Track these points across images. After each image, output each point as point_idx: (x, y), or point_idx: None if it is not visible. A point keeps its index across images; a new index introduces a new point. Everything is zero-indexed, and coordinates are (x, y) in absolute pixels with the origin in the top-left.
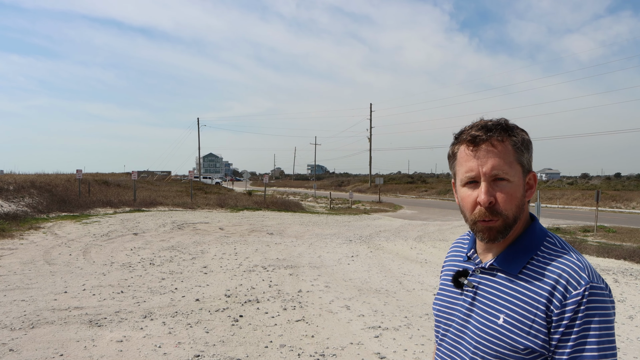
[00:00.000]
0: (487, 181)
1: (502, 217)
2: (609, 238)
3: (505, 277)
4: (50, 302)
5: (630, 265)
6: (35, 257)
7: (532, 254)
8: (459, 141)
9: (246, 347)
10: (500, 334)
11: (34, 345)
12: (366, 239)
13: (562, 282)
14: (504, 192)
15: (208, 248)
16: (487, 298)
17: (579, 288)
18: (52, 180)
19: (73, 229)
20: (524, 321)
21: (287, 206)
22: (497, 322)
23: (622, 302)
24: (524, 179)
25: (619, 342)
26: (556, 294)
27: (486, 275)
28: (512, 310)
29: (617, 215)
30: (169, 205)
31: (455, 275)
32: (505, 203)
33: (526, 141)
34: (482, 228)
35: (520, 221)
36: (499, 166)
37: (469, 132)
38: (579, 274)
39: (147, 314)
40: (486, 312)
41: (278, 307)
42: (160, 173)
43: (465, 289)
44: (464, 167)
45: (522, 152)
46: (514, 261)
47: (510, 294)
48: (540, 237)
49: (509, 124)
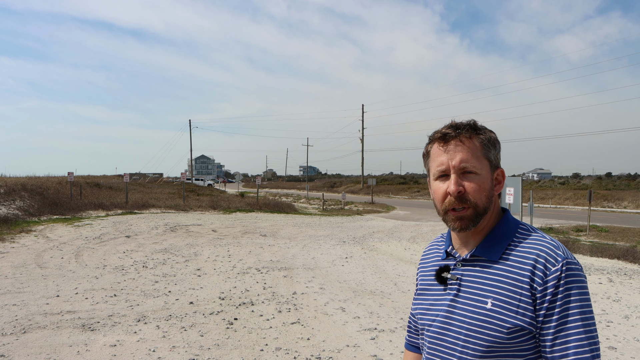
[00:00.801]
0: (456, 173)
1: (471, 206)
2: (602, 237)
3: (487, 265)
4: (42, 306)
5: (624, 265)
6: (26, 260)
7: (509, 240)
8: (432, 140)
9: (242, 351)
10: (491, 317)
11: (26, 350)
12: (360, 240)
13: (541, 261)
14: (473, 183)
15: (201, 250)
16: (472, 287)
17: (556, 264)
18: (43, 183)
19: (65, 232)
20: (511, 302)
21: (280, 208)
22: (486, 306)
23: (618, 301)
24: (491, 173)
25: (615, 342)
26: (537, 272)
27: (468, 267)
28: (499, 294)
29: (609, 215)
30: (161, 207)
31: (438, 272)
32: (474, 193)
33: (493, 139)
34: (453, 217)
35: (491, 212)
36: (467, 159)
37: (440, 131)
38: (554, 252)
39: (140, 317)
40: (473, 299)
41: (273, 310)
42: (152, 175)
43: (450, 283)
44: (436, 162)
45: (489, 148)
46: (493, 248)
47: (494, 279)
48: (513, 225)
49: (477, 124)
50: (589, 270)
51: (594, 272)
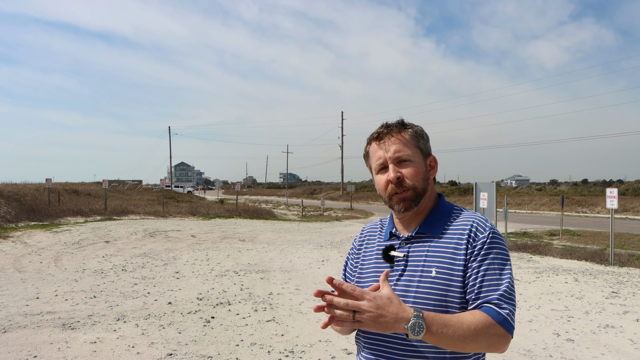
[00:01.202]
0: (393, 163)
1: (410, 188)
2: (574, 241)
3: (430, 239)
4: (22, 307)
5: (591, 266)
6: (4, 265)
7: (447, 218)
8: (369, 141)
9: (218, 346)
10: (435, 284)
11: (7, 348)
12: (337, 245)
13: (473, 229)
14: (408, 168)
15: (180, 254)
16: (418, 259)
17: (484, 232)
18: (20, 190)
19: (43, 238)
20: (450, 267)
21: (259, 214)
22: (431, 275)
23: (580, 299)
24: (424, 160)
25: (573, 335)
26: (470, 239)
27: (414, 243)
28: (441, 262)
29: (582, 220)
30: (140, 213)
31: (385, 251)
32: (410, 177)
33: (420, 131)
34: (397, 200)
35: (429, 195)
36: (400, 150)
37: (375, 132)
38: (484, 223)
39: (120, 317)
40: (420, 270)
41: (249, 309)
42: (131, 182)
43: (397, 260)
44: (374, 157)
45: (418, 139)
46: (435, 225)
47: (436, 250)
48: (449, 206)
49: (404, 121)
50: (557, 271)
51: (561, 273)
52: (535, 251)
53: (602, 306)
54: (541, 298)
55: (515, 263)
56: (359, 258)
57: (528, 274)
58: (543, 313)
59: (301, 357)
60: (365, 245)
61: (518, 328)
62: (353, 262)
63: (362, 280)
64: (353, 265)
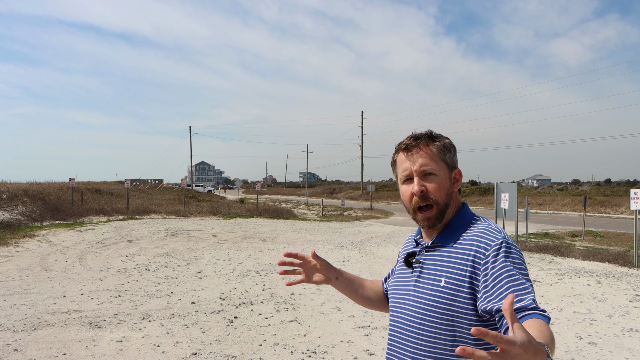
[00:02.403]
0: (418, 176)
1: (434, 204)
2: (596, 242)
3: (444, 250)
4: (50, 305)
5: (614, 268)
6: (31, 263)
7: (463, 230)
8: (397, 151)
9: (241, 346)
10: (443, 293)
11: (37, 345)
12: (357, 245)
13: (484, 239)
14: (433, 183)
15: (202, 254)
16: (431, 268)
17: (496, 241)
18: (44, 189)
19: (67, 237)
20: (459, 278)
21: (280, 213)
22: (440, 284)
23: (603, 302)
24: (449, 173)
25: (596, 339)
26: (480, 249)
27: (429, 252)
28: (450, 272)
29: (605, 220)
30: (161, 213)
31: (406, 257)
32: (435, 191)
33: (447, 144)
34: (421, 218)
35: (451, 207)
36: (426, 163)
37: (402, 142)
38: (495, 234)
39: (144, 316)
40: (430, 279)
41: (271, 309)
42: (152, 181)
43: (415, 266)
44: (401, 168)
45: (445, 152)
46: (449, 236)
47: (447, 261)
48: (469, 217)
49: (433, 133)
50: (580, 273)
51: (583, 275)
52: (556, 252)
53: (626, 309)
54: (563, 300)
55: (536, 264)
56: (397, 262)
57: (549, 275)
58: (565, 316)
59: (323, 358)
60: (401, 252)
61: None
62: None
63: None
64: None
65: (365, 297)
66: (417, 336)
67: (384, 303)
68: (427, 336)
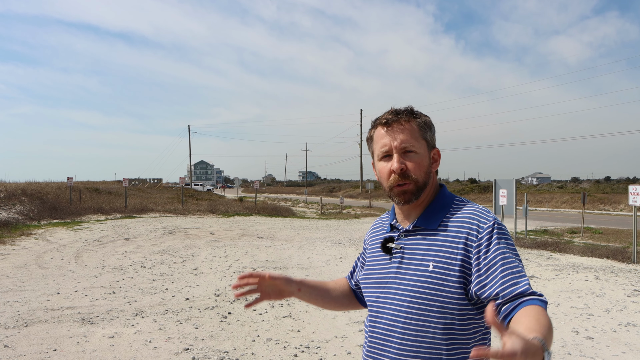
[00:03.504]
0: (398, 153)
1: (413, 181)
2: (595, 239)
3: (427, 233)
4: (43, 302)
5: (612, 264)
6: (27, 261)
7: (446, 211)
8: (374, 125)
9: (234, 341)
10: (432, 278)
11: (28, 341)
12: (355, 242)
13: (475, 222)
14: (413, 161)
15: (198, 251)
16: (415, 253)
17: (488, 222)
18: (43, 188)
19: (64, 235)
20: (450, 262)
21: (278, 211)
22: (428, 269)
23: (601, 297)
24: (429, 152)
25: (593, 333)
26: (472, 232)
27: (410, 236)
28: (439, 256)
29: (605, 217)
30: (160, 211)
31: (383, 242)
32: (414, 169)
33: (428, 122)
34: (397, 192)
35: (430, 187)
36: (407, 140)
37: (382, 117)
38: (486, 215)
39: (138, 312)
40: (416, 264)
41: (266, 305)
42: (151, 180)
43: (394, 252)
44: (379, 143)
45: (426, 130)
46: (432, 218)
47: (434, 244)
48: (449, 198)
49: (414, 110)
50: (578, 268)
51: (581, 270)
52: (555, 249)
53: (624, 304)
54: (560, 296)
55: (534, 261)
56: (365, 253)
57: (547, 271)
58: (562, 311)
59: (317, 353)
60: (371, 239)
61: None
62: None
63: (366, 273)
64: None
65: (333, 300)
66: (405, 326)
67: (353, 301)
68: (416, 325)
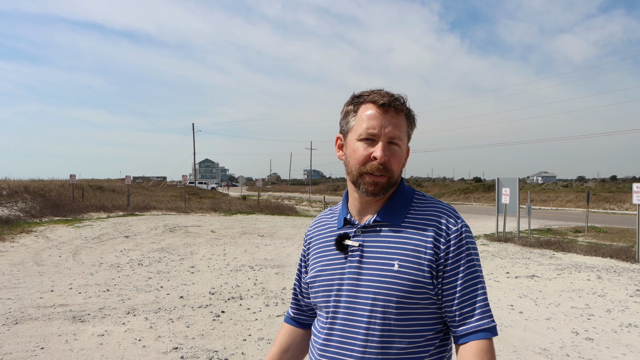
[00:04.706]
0: (385, 142)
1: (388, 175)
2: (599, 238)
3: (390, 229)
4: (36, 300)
5: (616, 263)
6: (24, 258)
7: (409, 206)
8: (364, 101)
9: (225, 340)
10: (398, 278)
11: (16, 339)
12: None
13: (444, 220)
14: (395, 155)
15: (197, 249)
16: (377, 251)
17: (457, 225)
18: (45, 186)
19: (65, 233)
20: (416, 261)
21: (281, 210)
22: (393, 268)
23: (603, 297)
24: (405, 149)
25: (593, 334)
26: (442, 233)
27: (370, 232)
28: (405, 255)
29: (610, 216)
30: (162, 209)
31: (338, 240)
32: (394, 163)
33: (415, 119)
34: (369, 181)
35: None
36: (396, 132)
37: (378, 94)
38: (454, 216)
39: (130, 310)
40: (379, 262)
41: (260, 304)
42: (155, 179)
43: (351, 250)
44: (367, 123)
45: (411, 127)
46: (395, 214)
47: (399, 242)
48: (409, 192)
49: (406, 101)
50: (580, 268)
51: (584, 270)
52: (558, 248)
53: (626, 304)
54: (561, 295)
55: (536, 260)
56: (308, 254)
57: (549, 270)
58: (562, 311)
59: None
60: (316, 236)
61: (535, 326)
62: (304, 262)
63: (315, 274)
64: (304, 265)
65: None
66: (368, 331)
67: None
68: (381, 328)
